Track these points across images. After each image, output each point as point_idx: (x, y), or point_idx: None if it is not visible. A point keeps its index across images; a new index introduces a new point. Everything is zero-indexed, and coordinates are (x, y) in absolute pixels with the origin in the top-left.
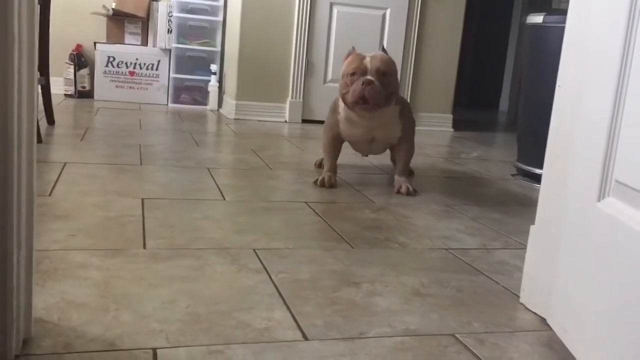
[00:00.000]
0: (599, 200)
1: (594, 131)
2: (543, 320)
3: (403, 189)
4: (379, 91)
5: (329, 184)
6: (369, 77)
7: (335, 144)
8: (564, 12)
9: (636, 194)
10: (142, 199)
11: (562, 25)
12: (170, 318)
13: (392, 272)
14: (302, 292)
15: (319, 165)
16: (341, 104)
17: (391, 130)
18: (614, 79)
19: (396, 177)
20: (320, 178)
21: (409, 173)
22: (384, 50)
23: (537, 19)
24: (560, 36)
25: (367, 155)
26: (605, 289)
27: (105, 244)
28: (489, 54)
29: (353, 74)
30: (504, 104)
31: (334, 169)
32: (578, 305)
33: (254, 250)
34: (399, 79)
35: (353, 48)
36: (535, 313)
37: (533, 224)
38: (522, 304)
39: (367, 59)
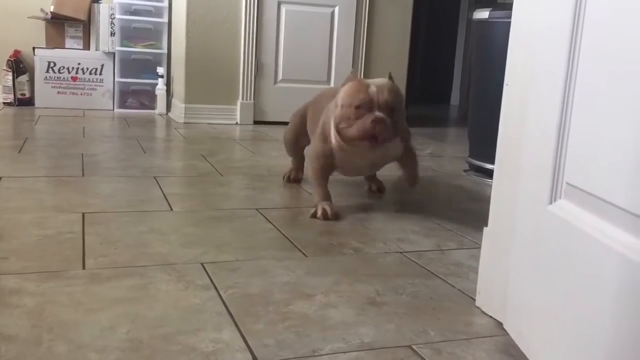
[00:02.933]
0: (550, 203)
1: (543, 132)
2: (499, 324)
3: (411, 181)
4: (390, 129)
5: (333, 216)
6: (379, 114)
7: (327, 172)
8: (509, 8)
9: (588, 197)
10: (83, 214)
11: (508, 20)
12: (109, 346)
13: (346, 280)
14: (253, 308)
15: (289, 179)
16: (333, 134)
17: (393, 151)
18: (561, 77)
19: (407, 175)
20: (319, 211)
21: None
22: (390, 78)
23: (483, 14)
24: (506, 32)
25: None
26: (558, 292)
27: (40, 265)
28: (439, 49)
29: (358, 107)
30: (455, 98)
31: (328, 196)
32: (532, 308)
33: (201, 264)
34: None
35: (354, 72)
36: (491, 317)
37: (486, 223)
38: (478, 307)
39: (374, 90)
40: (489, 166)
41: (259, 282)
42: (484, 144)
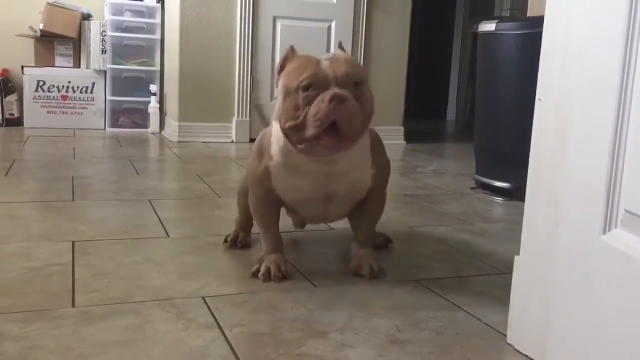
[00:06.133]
0: (604, 232)
1: (592, 152)
2: None
3: (365, 271)
4: (356, 113)
5: (278, 276)
6: (337, 90)
7: (270, 205)
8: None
9: None
10: (73, 242)
11: (516, 32)
12: None
13: (362, 314)
14: (262, 349)
15: (234, 242)
16: (276, 143)
17: (360, 178)
18: (615, 90)
19: (355, 248)
20: (262, 267)
21: (374, 239)
22: (341, 48)
23: (489, 26)
24: (515, 44)
25: (318, 224)
26: (614, 332)
27: (25, 304)
28: (434, 64)
29: (307, 87)
30: (451, 112)
31: (279, 246)
32: (582, 350)
33: (203, 298)
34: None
35: (292, 48)
36: (526, 355)
37: (502, 242)
38: (510, 344)
39: (325, 63)
40: (497, 184)
41: (266, 319)
42: (491, 160)
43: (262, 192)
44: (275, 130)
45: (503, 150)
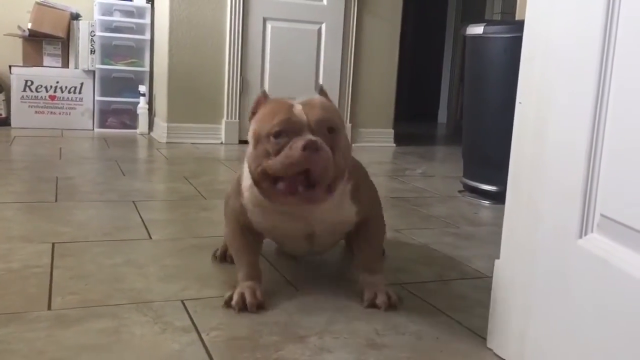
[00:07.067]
0: (580, 236)
1: (569, 156)
2: None
3: (381, 300)
4: (330, 161)
5: (253, 304)
6: (311, 136)
7: (246, 237)
8: (503, 23)
9: (626, 230)
10: (53, 244)
11: (503, 35)
12: None
13: (342, 318)
14: (239, 354)
15: (223, 256)
16: (247, 187)
17: (342, 219)
18: (590, 95)
19: (363, 277)
20: (234, 295)
21: (381, 263)
22: (322, 92)
23: (476, 30)
24: (502, 47)
25: (305, 256)
26: (591, 337)
27: (0, 306)
28: (425, 66)
29: (278, 134)
30: (442, 115)
31: (255, 274)
32: (559, 355)
33: (182, 301)
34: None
35: (264, 93)
36: None
37: (487, 246)
38: (489, 349)
39: (298, 107)
40: (484, 187)
41: (245, 323)
42: (479, 164)
43: (239, 225)
44: (245, 175)
45: (490, 153)
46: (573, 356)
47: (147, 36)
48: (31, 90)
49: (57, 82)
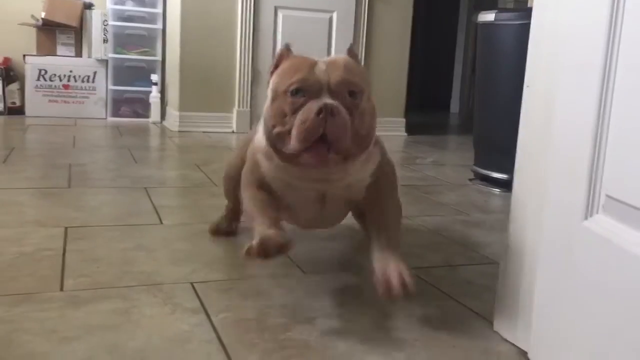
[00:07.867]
0: (585, 218)
1: (575, 138)
2: (521, 352)
3: (396, 282)
4: (347, 126)
5: (278, 248)
6: (328, 99)
7: (264, 187)
8: (515, 10)
9: (632, 211)
10: (66, 228)
11: (515, 22)
12: None
13: (350, 301)
14: (247, 335)
15: (217, 230)
16: (261, 148)
17: (361, 174)
18: (597, 77)
19: (378, 255)
20: (255, 243)
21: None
22: (351, 52)
23: (488, 16)
24: (514, 34)
25: (314, 229)
26: (596, 319)
27: (13, 287)
28: (437, 55)
29: (296, 91)
30: (454, 105)
31: (275, 221)
32: (565, 337)
33: (191, 284)
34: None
35: (287, 46)
36: (512, 343)
37: (496, 233)
38: (496, 332)
39: (321, 66)
40: (495, 175)
41: (253, 305)
42: (490, 151)
43: (258, 175)
44: (261, 131)
45: (501, 141)
46: (579, 337)
47: (160, 25)
48: (45, 80)
49: (71, 71)
